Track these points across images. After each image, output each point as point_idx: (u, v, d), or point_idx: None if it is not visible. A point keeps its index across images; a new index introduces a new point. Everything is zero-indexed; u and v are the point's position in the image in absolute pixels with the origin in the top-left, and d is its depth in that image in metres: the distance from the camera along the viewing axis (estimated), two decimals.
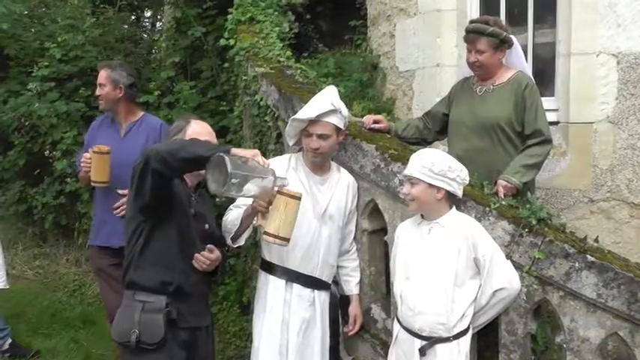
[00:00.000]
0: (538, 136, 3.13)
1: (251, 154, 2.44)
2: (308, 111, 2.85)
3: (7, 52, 6.92)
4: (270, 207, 2.53)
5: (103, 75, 3.92)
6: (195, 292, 2.70)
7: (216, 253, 2.68)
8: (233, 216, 2.86)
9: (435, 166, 2.52)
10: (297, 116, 2.87)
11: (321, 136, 2.86)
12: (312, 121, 2.83)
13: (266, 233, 2.51)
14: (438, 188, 2.54)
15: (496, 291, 2.52)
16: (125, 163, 3.46)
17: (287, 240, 2.53)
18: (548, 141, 3.17)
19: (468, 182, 2.65)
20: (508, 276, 2.52)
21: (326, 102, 2.86)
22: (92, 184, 3.71)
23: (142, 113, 4.09)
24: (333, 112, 2.86)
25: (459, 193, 2.61)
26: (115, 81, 3.90)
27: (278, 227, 2.48)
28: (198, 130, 2.76)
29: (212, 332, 2.94)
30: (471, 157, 3.06)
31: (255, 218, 2.71)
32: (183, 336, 2.63)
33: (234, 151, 2.39)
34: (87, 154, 3.72)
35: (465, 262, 2.52)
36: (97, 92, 3.95)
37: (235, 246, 2.85)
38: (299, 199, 2.53)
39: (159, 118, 4.29)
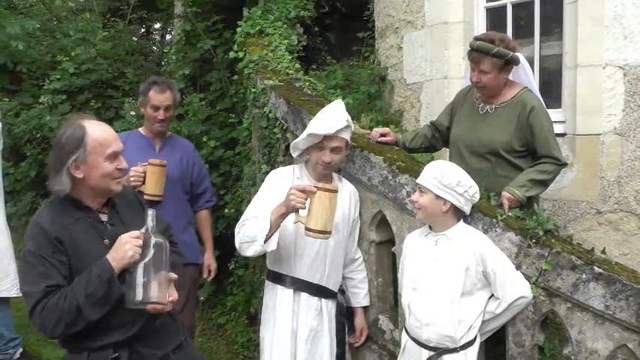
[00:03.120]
0: (552, 160, 3.04)
1: (129, 255, 2.13)
2: (325, 126, 2.87)
3: (20, 68, 7.02)
4: (312, 203, 2.59)
5: (169, 96, 3.67)
6: (151, 323, 2.33)
7: (174, 295, 2.28)
8: (256, 225, 2.79)
9: (444, 178, 2.53)
10: (314, 131, 2.88)
11: (334, 150, 2.91)
12: (327, 137, 2.88)
13: (313, 230, 2.58)
14: (445, 200, 2.55)
15: (514, 300, 2.52)
16: None
17: (330, 232, 2.63)
18: (562, 164, 3.09)
19: (477, 199, 2.63)
20: (522, 285, 2.53)
21: (341, 118, 2.90)
22: (146, 197, 3.34)
23: (169, 132, 3.96)
24: (347, 128, 2.95)
25: (466, 209, 2.61)
26: (176, 102, 3.79)
27: (325, 223, 2.58)
28: (101, 137, 2.26)
29: (187, 345, 2.55)
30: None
31: (294, 216, 2.71)
32: None
33: (115, 266, 2.13)
34: (138, 168, 3.42)
35: (473, 275, 2.53)
36: (162, 116, 3.65)
37: (269, 250, 2.76)
38: (337, 191, 2.65)
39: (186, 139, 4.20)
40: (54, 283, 2.15)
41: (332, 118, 2.90)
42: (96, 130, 2.25)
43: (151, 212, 2.24)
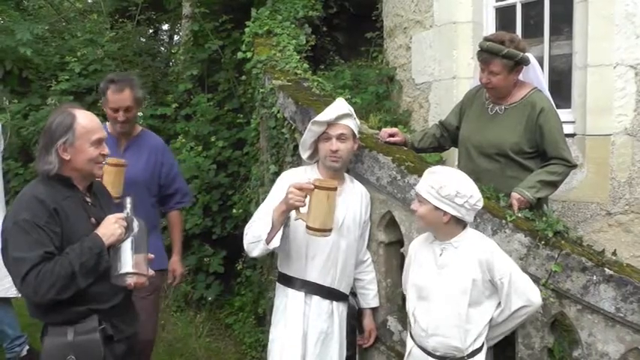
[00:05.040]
0: (562, 161, 3.02)
1: (118, 233, 2.38)
2: (327, 114, 2.92)
3: (27, 75, 7.07)
4: (311, 201, 2.59)
5: (128, 96, 3.44)
6: (125, 299, 2.56)
7: (151, 272, 2.52)
8: (261, 225, 2.80)
9: (443, 189, 2.41)
10: (316, 118, 2.93)
11: (340, 137, 2.91)
12: (331, 124, 2.91)
13: (312, 228, 2.58)
14: (444, 212, 2.44)
15: (515, 310, 2.47)
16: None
17: (331, 230, 2.62)
18: (572, 166, 3.07)
19: (479, 207, 2.51)
20: (527, 293, 2.45)
21: (342, 107, 2.96)
22: None
23: (140, 128, 3.73)
24: (350, 116, 2.96)
25: (468, 218, 2.50)
26: (139, 100, 3.54)
27: (324, 221, 2.57)
28: (89, 124, 2.46)
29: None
30: (477, 179, 2.72)
31: (295, 213, 2.70)
32: (118, 349, 2.50)
33: (105, 241, 2.36)
34: None
35: (480, 284, 2.46)
36: (122, 117, 3.44)
37: (271, 248, 2.76)
38: (336, 188, 2.63)
39: (158, 136, 3.90)
40: (50, 250, 2.30)
41: (333, 106, 2.97)
42: (84, 118, 2.47)
43: (129, 199, 2.52)
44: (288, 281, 2.99)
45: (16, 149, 6.69)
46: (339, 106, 2.96)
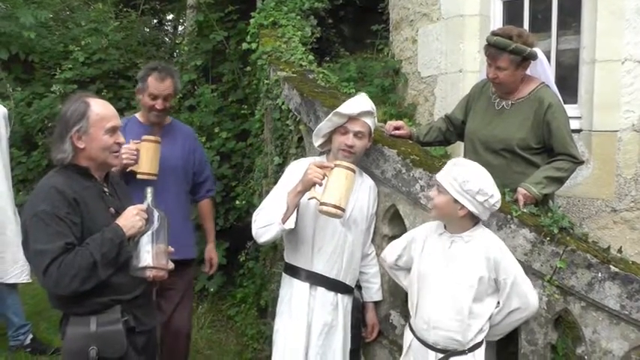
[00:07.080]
0: (569, 157, 3.01)
1: (138, 225, 2.38)
2: (351, 107, 2.88)
3: (32, 59, 7.06)
4: (329, 179, 2.59)
5: (169, 85, 3.47)
6: (146, 291, 2.57)
7: (171, 265, 2.51)
8: (273, 210, 2.78)
9: (466, 183, 2.39)
10: (339, 110, 2.88)
11: (357, 134, 2.89)
12: (351, 119, 2.88)
13: (326, 204, 2.55)
14: (462, 205, 2.43)
15: (511, 311, 2.47)
16: (160, 165, 3.37)
17: (343, 211, 2.60)
18: (579, 162, 3.06)
19: (496, 209, 2.51)
20: (527, 296, 2.45)
21: (367, 103, 2.92)
22: (139, 176, 3.21)
23: (170, 118, 3.76)
24: (371, 114, 2.93)
25: (483, 217, 2.49)
26: (178, 89, 3.62)
27: (340, 198, 2.55)
28: (103, 112, 2.44)
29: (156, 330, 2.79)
30: None
31: (309, 192, 2.69)
32: (139, 342, 2.50)
33: (125, 232, 2.35)
34: (131, 145, 3.19)
35: (486, 281, 2.46)
36: (160, 106, 3.45)
37: (287, 228, 2.74)
38: (355, 171, 2.64)
39: (186, 124, 4.01)
40: (70, 241, 2.29)
41: (357, 100, 2.93)
42: (98, 105, 2.45)
43: (149, 189, 2.50)
44: (294, 272, 2.98)
45: (20, 137, 6.69)
46: (364, 102, 2.91)
